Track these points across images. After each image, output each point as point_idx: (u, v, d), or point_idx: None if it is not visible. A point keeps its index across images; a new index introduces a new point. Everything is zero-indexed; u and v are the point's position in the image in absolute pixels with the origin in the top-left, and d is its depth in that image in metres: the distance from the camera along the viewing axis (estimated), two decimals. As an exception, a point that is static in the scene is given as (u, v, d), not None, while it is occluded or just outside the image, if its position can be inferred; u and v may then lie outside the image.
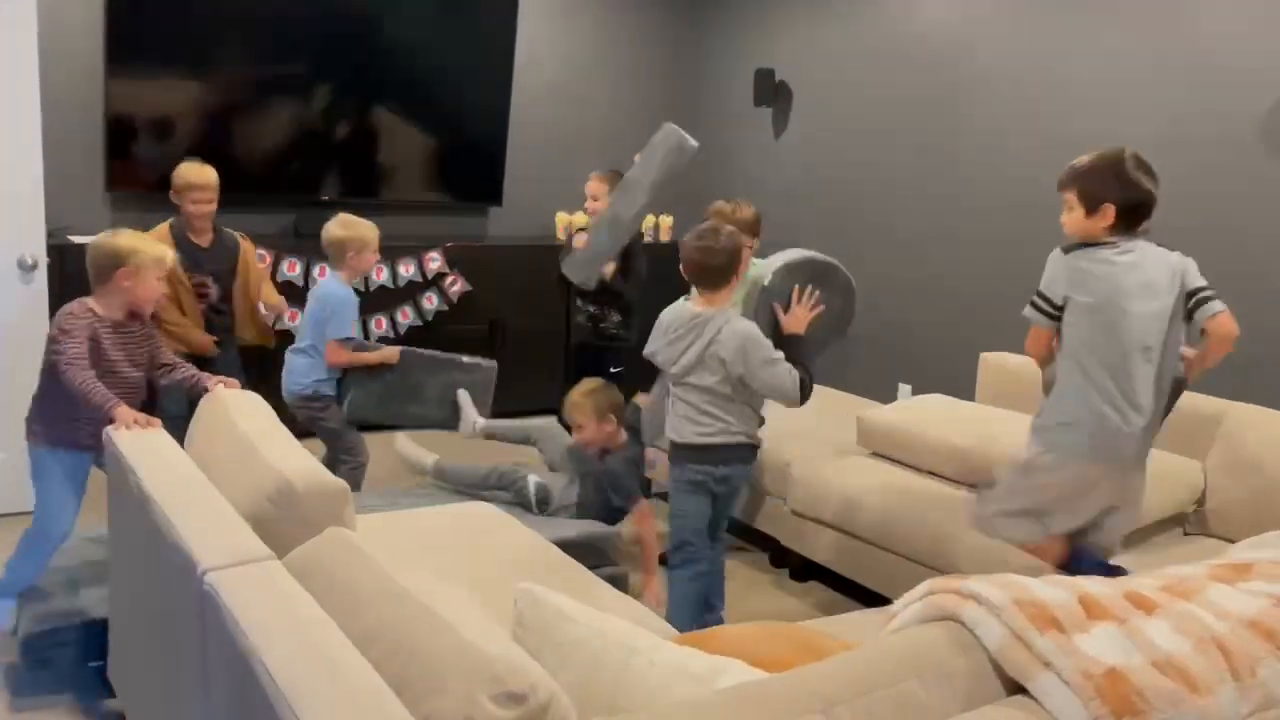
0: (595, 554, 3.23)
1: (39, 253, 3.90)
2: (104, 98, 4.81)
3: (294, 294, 5.06)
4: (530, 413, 5.83)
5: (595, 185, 4.30)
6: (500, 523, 3.00)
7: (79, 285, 3.87)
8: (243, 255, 4.02)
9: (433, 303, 5.47)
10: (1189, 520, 3.42)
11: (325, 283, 3.78)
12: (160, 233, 3.75)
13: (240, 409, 2.54)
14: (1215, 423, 3.39)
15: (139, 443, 2.41)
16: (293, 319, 4.64)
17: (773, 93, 5.95)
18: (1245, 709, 1.39)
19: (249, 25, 5.05)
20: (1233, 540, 3.15)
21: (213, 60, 5.01)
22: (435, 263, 5.42)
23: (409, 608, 1.51)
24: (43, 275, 3.92)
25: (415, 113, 5.62)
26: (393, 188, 5.68)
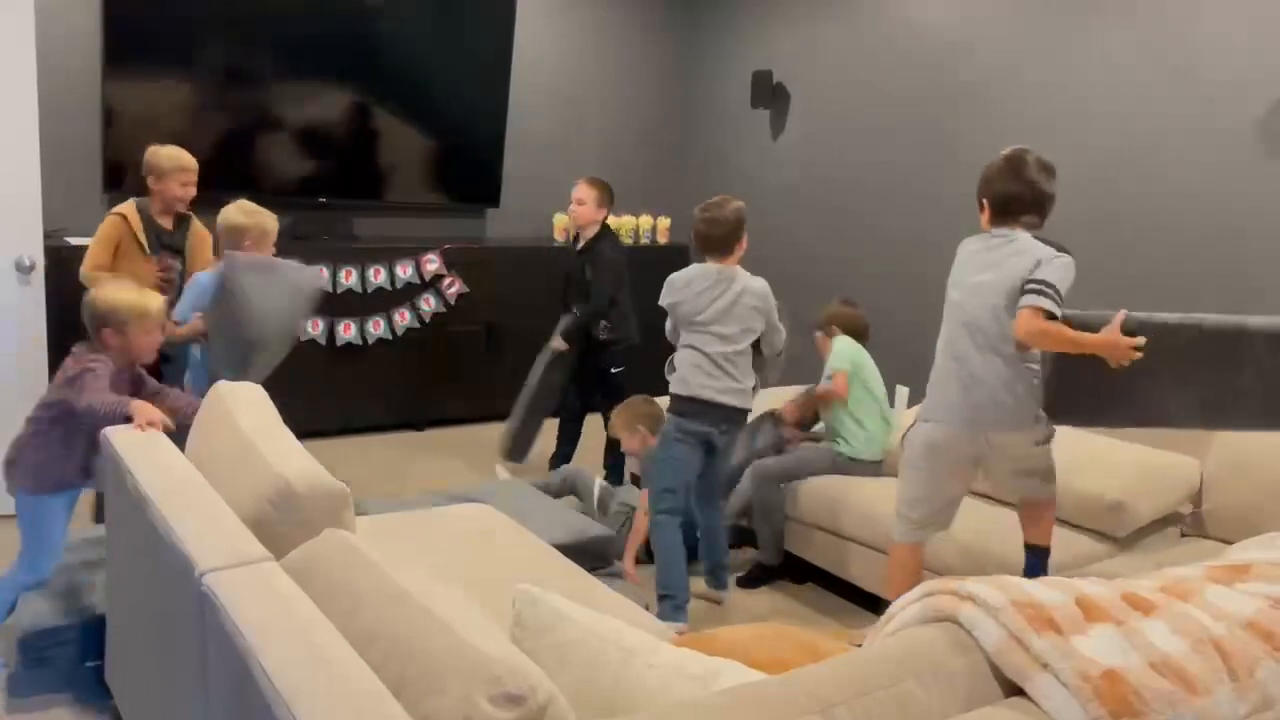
0: (594, 556, 3.24)
1: (36, 254, 3.90)
2: (101, 99, 4.81)
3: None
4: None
5: (582, 190, 4.36)
6: (499, 524, 3.00)
7: (76, 286, 3.88)
8: (194, 234, 3.90)
9: (430, 304, 5.47)
10: (1186, 522, 3.43)
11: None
12: (128, 210, 3.69)
13: (242, 405, 2.53)
14: (1212, 424, 3.39)
15: (136, 445, 2.40)
16: None
17: (770, 94, 5.95)
18: (1243, 710, 1.39)
19: (247, 27, 5.05)
20: (1229, 542, 3.16)
21: (210, 62, 5.01)
22: (433, 264, 5.42)
23: (407, 609, 1.50)
24: (40, 276, 3.92)
25: (413, 114, 5.62)
26: (390, 189, 5.67)
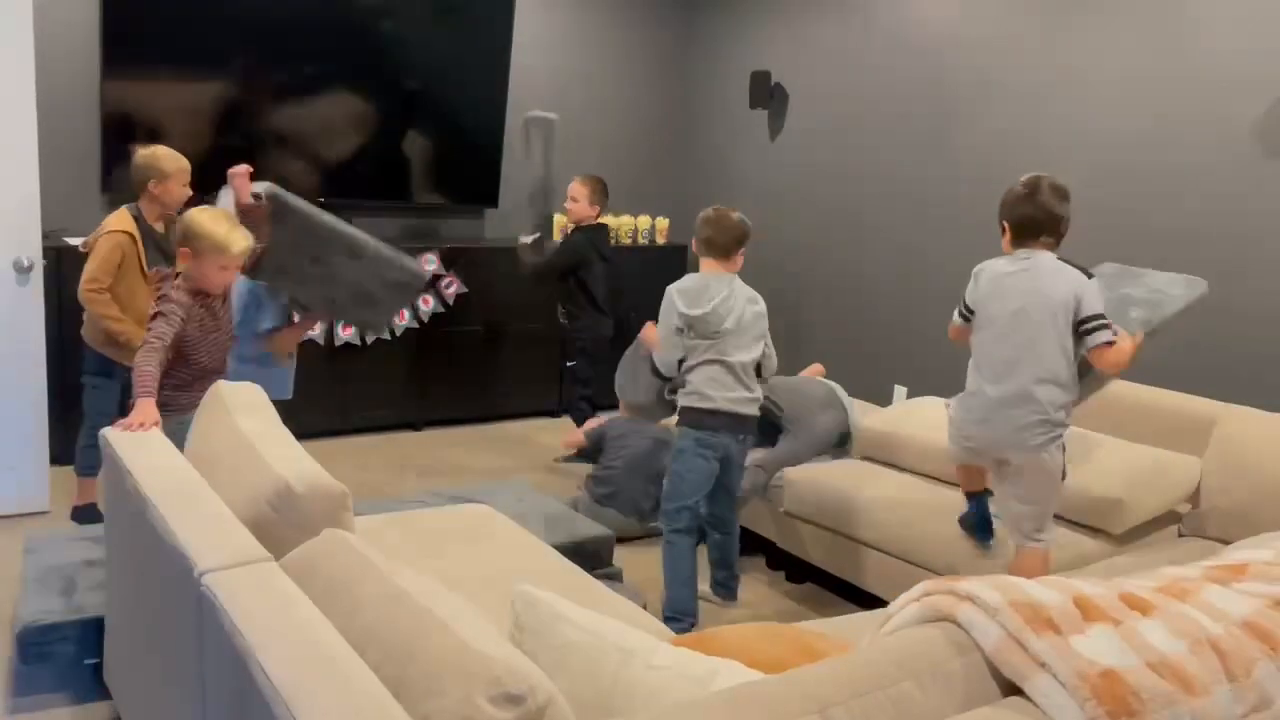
0: (592, 556, 3.24)
1: (35, 254, 3.90)
2: (100, 99, 4.81)
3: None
4: (526, 415, 5.87)
5: (576, 187, 4.59)
6: (498, 524, 3.00)
7: (75, 286, 3.88)
8: None
9: (429, 304, 5.47)
10: (1184, 522, 3.43)
11: None
12: (129, 225, 3.62)
13: (241, 406, 2.53)
14: (1210, 425, 3.39)
15: (135, 444, 2.40)
16: None
17: (768, 94, 5.95)
18: (1240, 709, 1.40)
19: (245, 27, 5.05)
20: (1227, 542, 3.16)
21: (208, 62, 5.01)
22: (432, 264, 5.43)
23: (407, 609, 1.51)
24: (38, 277, 3.92)
25: (412, 115, 5.63)
26: (389, 189, 5.67)
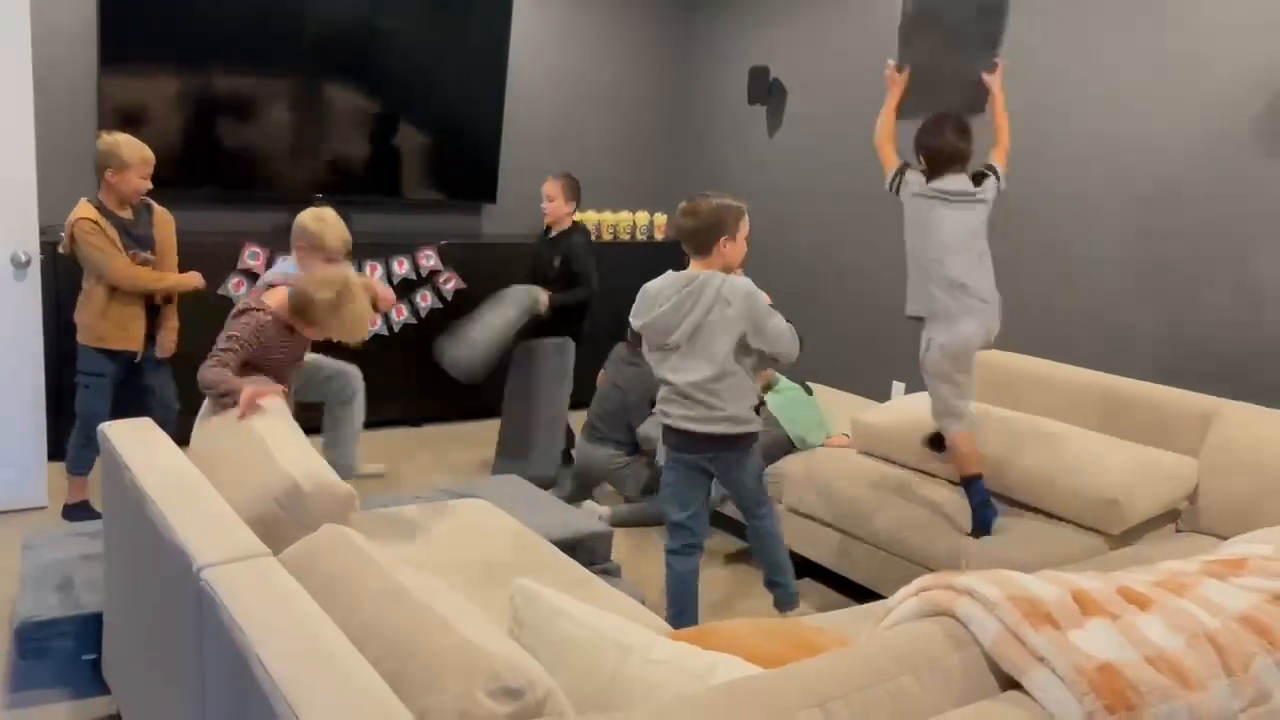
0: (591, 551, 3.24)
1: (32, 249, 3.90)
2: (97, 94, 4.80)
3: (288, 291, 5.06)
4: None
5: (550, 187, 4.56)
6: (496, 520, 3.01)
7: (73, 282, 3.87)
8: (158, 219, 3.85)
9: (427, 300, 5.46)
10: (1182, 518, 3.44)
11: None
12: (84, 209, 3.62)
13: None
14: (1208, 421, 3.40)
15: (134, 441, 2.40)
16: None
17: (767, 90, 5.95)
18: (1238, 704, 1.40)
19: (242, 22, 5.04)
20: (1225, 537, 3.17)
21: (206, 57, 5.00)
22: (430, 260, 5.42)
23: (406, 604, 1.51)
24: (36, 272, 3.91)
25: (410, 110, 5.62)
26: (387, 185, 5.67)
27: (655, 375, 3.00)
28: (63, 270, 4.37)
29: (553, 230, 4.62)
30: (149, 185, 3.76)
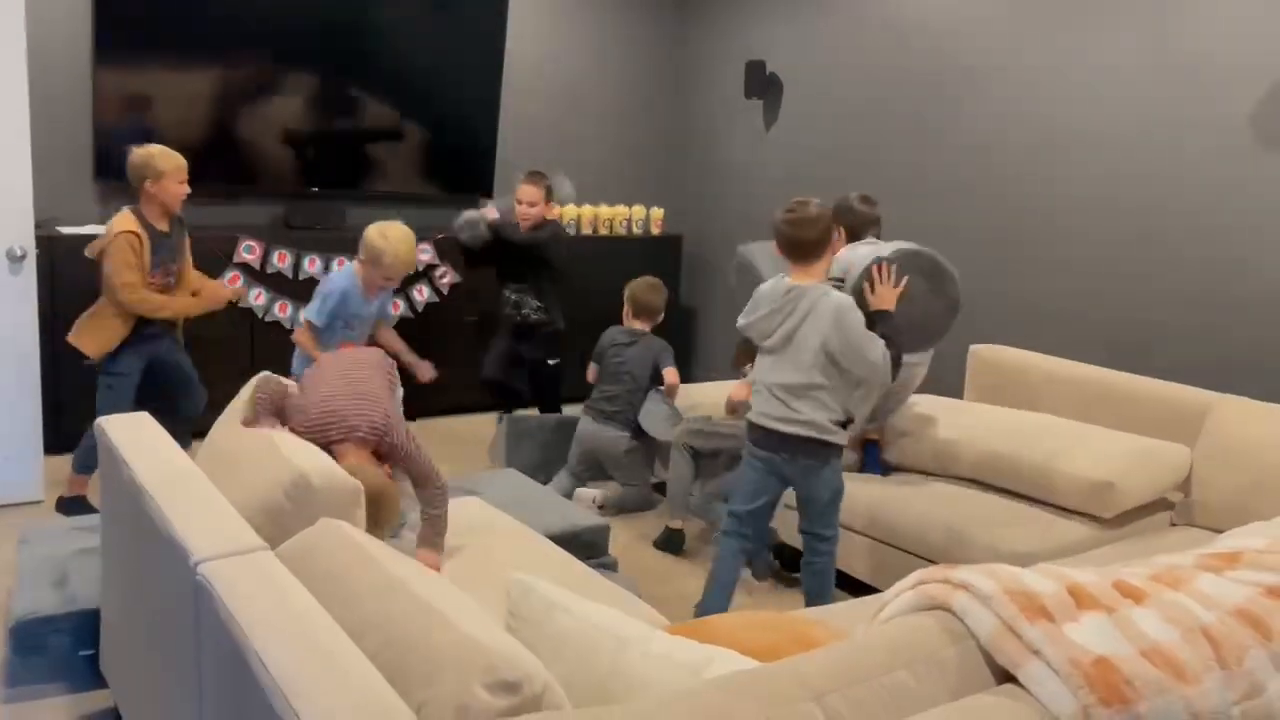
0: (588, 546, 3.24)
1: (28, 243, 3.89)
2: (92, 88, 4.79)
3: (284, 286, 5.05)
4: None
5: (529, 190, 4.57)
6: (491, 515, 3.01)
7: (68, 276, 3.88)
8: (186, 233, 3.93)
9: (424, 294, 5.46)
10: (1176, 511, 3.45)
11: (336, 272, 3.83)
12: (127, 220, 3.64)
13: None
14: (1203, 414, 3.41)
15: (132, 435, 2.40)
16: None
17: (764, 84, 5.94)
18: (1232, 697, 1.40)
19: (238, 16, 5.03)
20: (1220, 531, 3.17)
21: (201, 51, 4.98)
22: (426, 254, 5.42)
23: (403, 598, 1.51)
24: (31, 266, 3.91)
25: (406, 104, 5.61)
26: (383, 179, 5.66)
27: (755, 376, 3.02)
28: (58, 265, 4.37)
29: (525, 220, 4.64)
30: (188, 190, 3.77)
